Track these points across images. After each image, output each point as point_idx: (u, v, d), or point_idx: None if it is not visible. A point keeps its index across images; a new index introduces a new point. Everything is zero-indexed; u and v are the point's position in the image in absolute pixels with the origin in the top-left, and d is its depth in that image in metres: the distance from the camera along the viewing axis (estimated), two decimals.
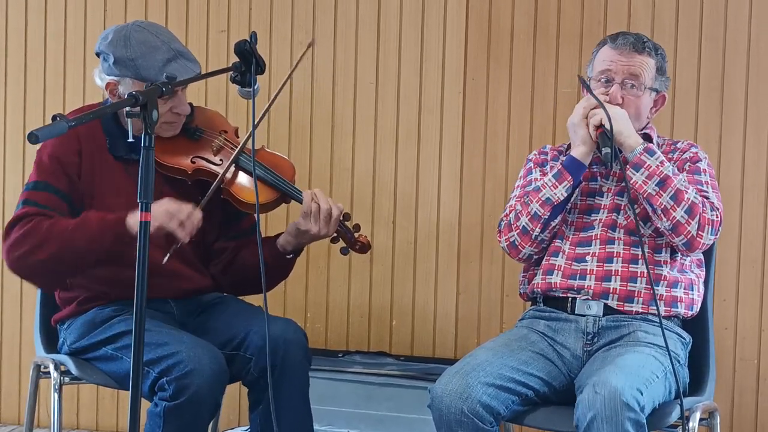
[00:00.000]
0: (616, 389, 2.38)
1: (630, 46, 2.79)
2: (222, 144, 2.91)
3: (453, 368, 2.60)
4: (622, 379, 2.41)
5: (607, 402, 2.37)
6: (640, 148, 2.69)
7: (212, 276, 2.97)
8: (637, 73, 2.78)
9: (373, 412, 3.53)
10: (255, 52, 2.54)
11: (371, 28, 3.74)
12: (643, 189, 2.68)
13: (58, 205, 2.75)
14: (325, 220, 2.82)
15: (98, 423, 4.00)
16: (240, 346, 2.75)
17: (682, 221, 2.65)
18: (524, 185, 2.90)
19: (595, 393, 2.40)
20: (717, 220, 2.69)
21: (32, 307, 3.12)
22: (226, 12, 3.84)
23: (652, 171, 2.67)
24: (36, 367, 2.96)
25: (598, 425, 2.38)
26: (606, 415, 2.37)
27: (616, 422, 2.36)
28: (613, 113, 2.70)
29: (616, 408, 2.37)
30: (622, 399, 2.37)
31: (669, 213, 2.66)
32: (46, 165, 2.79)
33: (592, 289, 2.74)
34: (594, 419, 2.38)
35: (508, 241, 2.84)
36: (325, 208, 2.81)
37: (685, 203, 2.65)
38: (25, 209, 2.73)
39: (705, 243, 2.69)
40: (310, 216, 2.82)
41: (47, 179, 2.77)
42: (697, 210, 2.66)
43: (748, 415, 3.55)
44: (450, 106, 3.70)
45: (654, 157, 2.68)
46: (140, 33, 2.76)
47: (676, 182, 2.66)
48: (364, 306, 3.79)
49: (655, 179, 2.67)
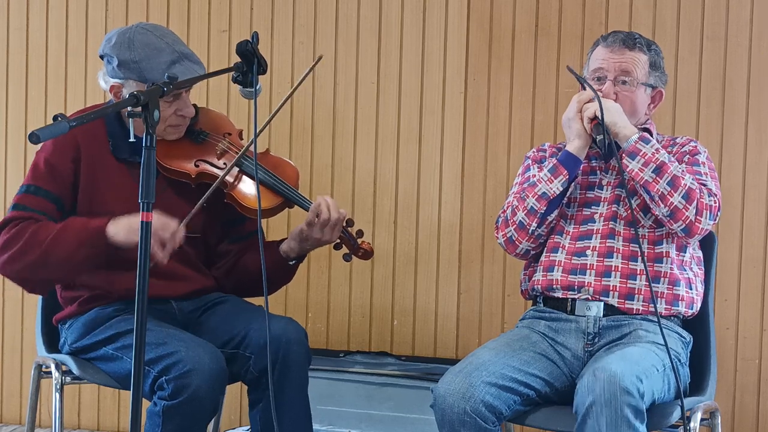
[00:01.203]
0: (616, 374, 2.38)
1: (620, 42, 2.81)
2: (226, 147, 2.90)
3: (456, 368, 2.60)
4: (622, 366, 2.42)
5: (606, 386, 2.37)
6: (635, 137, 2.71)
7: (215, 278, 2.97)
8: (629, 69, 2.80)
9: (374, 412, 3.53)
10: (256, 52, 2.53)
11: (372, 28, 3.74)
12: (640, 176, 2.69)
13: (49, 210, 2.75)
14: (330, 228, 2.83)
15: (99, 423, 4.00)
16: (240, 344, 2.75)
17: (679, 207, 2.66)
18: (522, 182, 2.90)
19: (594, 378, 2.40)
20: (715, 205, 2.70)
21: (33, 307, 3.12)
22: (228, 12, 3.84)
23: (648, 158, 2.68)
24: (37, 366, 2.96)
25: (597, 410, 2.37)
26: (605, 400, 2.37)
27: (615, 407, 2.36)
28: (607, 105, 2.73)
29: (616, 393, 2.37)
30: (622, 384, 2.37)
31: (666, 199, 2.67)
32: (40, 169, 2.78)
33: (592, 286, 2.74)
34: (593, 404, 2.38)
35: (505, 237, 2.85)
36: (334, 217, 2.82)
37: (682, 188, 2.66)
38: (12, 213, 2.74)
39: (704, 228, 2.69)
40: (316, 225, 2.82)
41: (40, 183, 2.77)
42: (694, 195, 2.66)
43: (749, 416, 3.55)
44: (451, 106, 3.70)
45: (649, 145, 2.70)
46: (144, 35, 2.76)
47: (672, 168, 2.67)
48: (365, 306, 3.79)
49: (651, 166, 2.67)
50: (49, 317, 2.98)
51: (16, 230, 2.70)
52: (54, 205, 2.76)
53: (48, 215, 2.74)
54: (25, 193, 2.77)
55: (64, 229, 2.68)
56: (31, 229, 2.69)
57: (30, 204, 2.75)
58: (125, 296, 2.75)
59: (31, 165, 2.83)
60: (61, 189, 2.78)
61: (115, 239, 2.64)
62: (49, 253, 2.67)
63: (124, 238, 2.64)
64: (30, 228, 2.69)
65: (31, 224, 2.70)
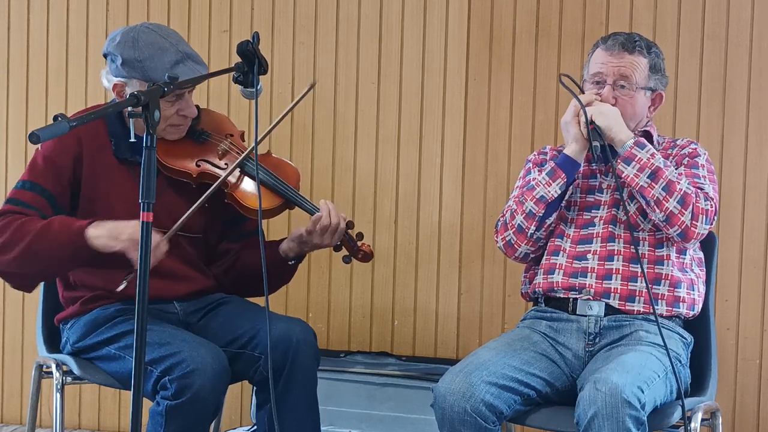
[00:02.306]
0: (617, 386, 2.38)
1: (620, 46, 2.80)
2: (228, 148, 2.91)
3: (456, 367, 2.60)
4: (623, 377, 2.42)
5: (608, 399, 2.37)
6: (630, 142, 2.71)
7: (214, 276, 2.97)
8: (628, 74, 2.79)
9: (374, 412, 3.53)
10: (257, 53, 2.53)
11: (373, 28, 3.74)
12: (635, 182, 2.69)
13: (41, 206, 2.74)
14: (330, 233, 2.83)
15: (100, 423, 4.00)
16: (248, 344, 2.74)
17: (675, 212, 2.66)
18: (523, 186, 2.90)
19: (596, 390, 2.40)
20: (711, 209, 2.70)
21: (34, 307, 3.12)
22: (228, 12, 3.84)
23: (643, 164, 2.68)
24: (38, 366, 2.97)
25: (599, 422, 2.38)
26: (607, 413, 2.37)
27: (616, 419, 2.37)
28: (604, 110, 2.72)
29: (617, 405, 2.37)
30: (623, 396, 2.37)
31: (662, 204, 2.66)
32: (38, 165, 2.78)
33: (593, 288, 2.74)
34: (595, 416, 2.38)
35: (504, 240, 2.85)
36: (335, 223, 2.82)
37: (677, 193, 2.66)
38: (4, 207, 2.74)
39: (700, 233, 2.69)
40: (316, 232, 2.82)
41: (36, 179, 2.76)
42: (689, 200, 2.66)
43: (749, 416, 3.55)
44: (452, 106, 3.70)
45: (644, 150, 2.69)
46: (148, 34, 2.76)
47: (667, 173, 2.67)
48: (366, 306, 3.79)
49: (647, 171, 2.67)
50: (50, 317, 2.98)
51: (4, 224, 2.69)
52: (47, 202, 2.75)
53: (40, 211, 2.73)
54: (20, 188, 2.77)
55: (48, 226, 2.67)
56: (17, 223, 2.68)
57: (23, 198, 2.74)
58: (127, 296, 2.74)
59: (30, 160, 2.82)
60: (57, 186, 2.77)
61: (94, 243, 2.63)
62: (30, 249, 2.66)
63: (103, 243, 2.63)
64: (16, 222, 2.68)
65: (18, 218, 2.69)
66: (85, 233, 2.64)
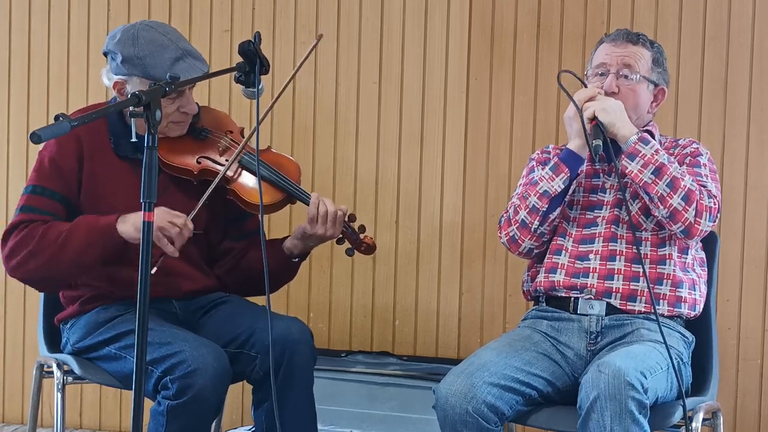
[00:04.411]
0: (620, 369, 2.39)
1: (623, 37, 2.83)
2: (228, 144, 2.91)
3: (457, 368, 2.60)
4: (627, 362, 2.43)
5: (611, 381, 2.38)
6: (634, 137, 2.70)
7: (217, 276, 2.97)
8: (631, 63, 2.80)
9: (375, 412, 3.53)
10: (259, 52, 2.54)
11: (374, 29, 3.74)
12: (639, 178, 2.68)
13: (56, 210, 2.77)
14: (331, 221, 2.83)
15: (101, 422, 4.01)
16: (245, 344, 2.75)
17: (679, 208, 2.66)
18: (526, 183, 2.90)
19: (599, 372, 2.41)
20: (715, 207, 2.69)
21: (35, 307, 3.12)
22: (230, 12, 3.84)
23: (647, 160, 2.67)
24: (39, 366, 2.97)
25: (601, 404, 2.38)
26: (610, 393, 2.37)
27: (619, 401, 2.37)
28: (607, 105, 2.71)
29: (620, 387, 2.37)
30: (626, 379, 2.38)
31: (666, 200, 2.66)
32: (45, 169, 2.79)
33: (595, 287, 2.74)
34: (597, 398, 2.39)
35: (507, 236, 2.85)
36: (331, 210, 2.83)
37: (681, 190, 2.65)
38: (20, 216, 2.75)
39: (703, 230, 2.69)
40: (317, 220, 2.83)
41: (45, 183, 2.78)
42: (693, 197, 2.66)
43: (750, 416, 3.55)
44: (453, 106, 3.70)
45: (648, 146, 2.69)
46: (148, 32, 2.76)
47: (671, 170, 2.67)
48: (367, 306, 3.79)
49: (651, 167, 2.67)
50: (51, 317, 2.98)
51: (26, 233, 2.72)
52: (60, 204, 2.78)
53: (55, 215, 2.76)
54: (31, 194, 2.78)
55: (74, 228, 2.70)
56: (40, 231, 2.71)
57: (37, 205, 2.76)
58: (127, 296, 2.75)
59: (35, 164, 2.83)
60: (65, 187, 2.78)
61: (124, 236, 2.67)
62: (60, 253, 2.69)
63: (130, 236, 2.67)
64: (39, 230, 2.71)
65: (39, 226, 2.72)
66: (115, 229, 2.66)
